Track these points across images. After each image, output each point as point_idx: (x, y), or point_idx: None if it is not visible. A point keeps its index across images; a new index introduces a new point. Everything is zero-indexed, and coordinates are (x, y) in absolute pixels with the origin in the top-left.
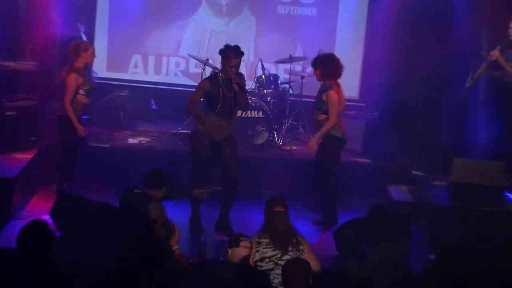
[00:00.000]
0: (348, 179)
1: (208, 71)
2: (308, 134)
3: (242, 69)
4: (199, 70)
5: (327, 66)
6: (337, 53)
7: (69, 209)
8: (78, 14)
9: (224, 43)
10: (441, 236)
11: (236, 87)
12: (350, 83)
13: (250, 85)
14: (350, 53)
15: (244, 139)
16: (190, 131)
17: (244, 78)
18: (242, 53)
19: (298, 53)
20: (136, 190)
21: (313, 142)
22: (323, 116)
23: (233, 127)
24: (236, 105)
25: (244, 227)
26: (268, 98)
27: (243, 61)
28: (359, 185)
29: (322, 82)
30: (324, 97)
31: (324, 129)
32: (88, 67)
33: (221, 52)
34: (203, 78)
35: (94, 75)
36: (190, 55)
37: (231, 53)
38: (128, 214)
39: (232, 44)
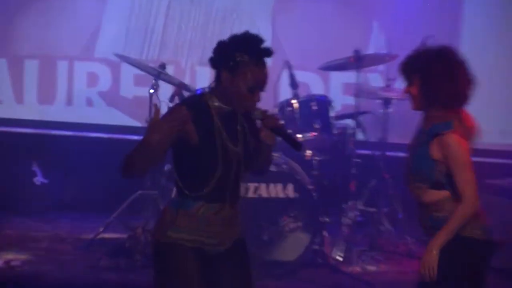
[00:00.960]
0: None
1: (166, 92)
2: (404, 236)
3: None
4: (144, 92)
5: (438, 75)
6: (466, 51)
7: None
8: None
9: (200, 30)
10: None
11: (268, 136)
12: (495, 117)
13: None
14: (492, 54)
15: (254, 248)
16: (130, 235)
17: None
18: (270, 53)
19: (375, 45)
20: None
21: (433, 257)
22: (436, 195)
23: (240, 221)
24: (246, 170)
25: None
26: (309, 154)
27: None
28: None
29: (424, 113)
30: (433, 150)
31: (453, 225)
32: None
33: (223, 52)
34: (176, 103)
35: None
36: (121, 57)
37: (248, 56)
38: None
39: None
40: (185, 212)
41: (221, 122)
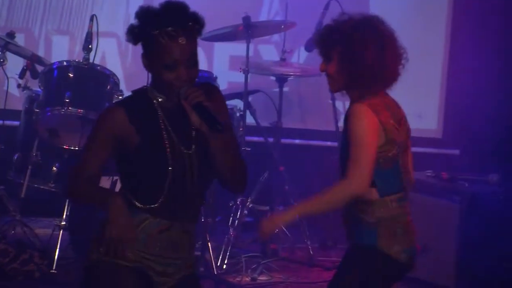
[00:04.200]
0: None
1: (16, 67)
2: (304, 240)
3: (114, 55)
4: None
5: (361, 48)
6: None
7: None
8: None
9: None
10: None
11: (196, 119)
12: (420, 102)
13: None
14: (409, 25)
15: None
16: None
17: (216, 91)
18: (186, 23)
19: (268, 11)
20: None
21: (275, 221)
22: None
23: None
24: (207, 180)
25: None
26: None
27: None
28: None
29: (349, 96)
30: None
31: (321, 200)
32: None
33: (138, 30)
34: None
35: None
36: None
37: (157, 30)
38: None
39: None
40: None
41: (169, 120)
